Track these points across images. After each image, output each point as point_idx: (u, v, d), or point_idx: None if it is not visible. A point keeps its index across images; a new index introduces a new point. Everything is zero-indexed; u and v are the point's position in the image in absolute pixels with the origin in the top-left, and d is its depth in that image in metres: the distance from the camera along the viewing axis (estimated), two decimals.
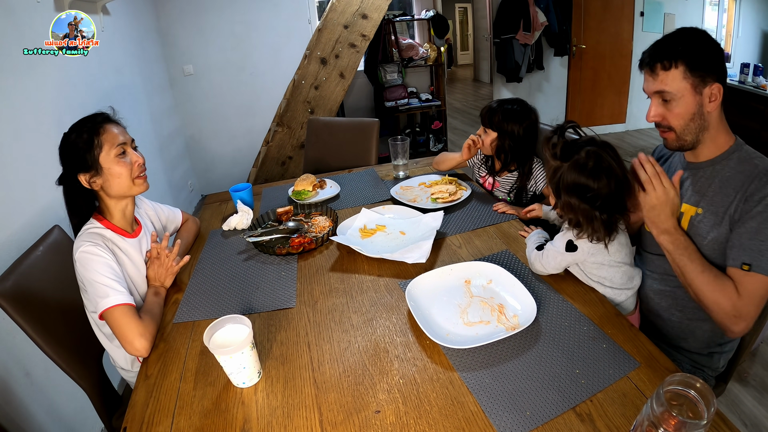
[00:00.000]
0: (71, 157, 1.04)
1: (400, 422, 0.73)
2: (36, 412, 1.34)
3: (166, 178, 3.02)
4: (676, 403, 0.57)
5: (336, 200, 1.62)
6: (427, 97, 4.17)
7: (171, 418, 0.79)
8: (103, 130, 1.05)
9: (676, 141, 0.96)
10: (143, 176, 1.12)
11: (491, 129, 1.53)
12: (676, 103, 0.91)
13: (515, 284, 0.99)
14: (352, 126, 2.21)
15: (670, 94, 0.90)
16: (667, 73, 0.90)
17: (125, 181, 1.07)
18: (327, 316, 1.00)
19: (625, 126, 4.77)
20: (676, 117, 0.92)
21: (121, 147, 1.07)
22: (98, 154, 1.04)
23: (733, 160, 0.93)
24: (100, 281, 0.97)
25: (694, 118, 0.91)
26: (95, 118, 1.07)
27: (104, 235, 1.07)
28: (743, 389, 1.63)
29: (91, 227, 1.08)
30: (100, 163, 1.04)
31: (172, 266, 1.15)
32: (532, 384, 0.77)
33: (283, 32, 3.58)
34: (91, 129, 1.04)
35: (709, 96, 0.89)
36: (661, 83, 0.91)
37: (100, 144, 1.04)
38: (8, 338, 1.27)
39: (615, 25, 4.32)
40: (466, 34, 9.93)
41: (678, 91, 0.90)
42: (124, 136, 1.09)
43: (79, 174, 1.04)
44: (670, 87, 0.90)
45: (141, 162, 1.11)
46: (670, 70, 0.89)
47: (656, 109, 0.95)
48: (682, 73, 0.89)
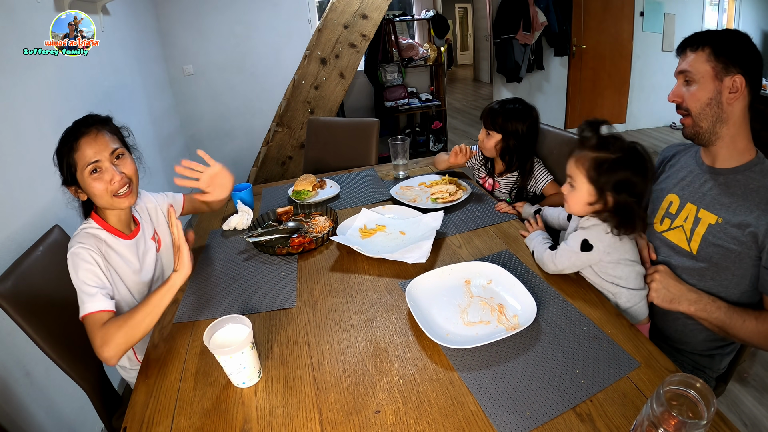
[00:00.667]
0: (59, 168, 1.03)
1: (400, 422, 0.73)
2: (36, 412, 1.34)
3: (166, 178, 3.02)
4: (676, 403, 0.57)
5: (336, 200, 1.62)
6: (427, 97, 4.17)
7: (171, 418, 0.79)
8: (77, 146, 1.00)
9: (691, 127, 0.96)
10: (123, 195, 1.04)
11: (495, 131, 1.53)
12: (695, 85, 0.93)
13: (515, 284, 0.99)
14: (352, 126, 2.20)
15: (691, 74, 0.93)
16: (694, 54, 0.93)
17: (104, 199, 1.04)
18: (327, 316, 1.00)
19: (625, 126, 4.77)
20: (693, 99, 0.93)
21: (94, 165, 1.00)
22: (75, 172, 1.02)
23: (756, 172, 0.92)
24: (80, 286, 0.97)
25: (711, 104, 0.92)
26: (78, 128, 1.02)
27: (99, 236, 1.06)
28: (743, 389, 1.63)
29: (87, 227, 1.07)
30: (77, 180, 1.03)
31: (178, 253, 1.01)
32: (532, 384, 0.77)
33: (283, 32, 3.58)
34: (70, 143, 1.01)
35: (729, 87, 0.90)
36: (686, 63, 0.94)
37: (74, 162, 1.01)
38: (8, 338, 1.27)
39: (615, 25, 4.32)
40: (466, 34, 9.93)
41: (699, 73, 0.92)
42: (99, 152, 1.01)
43: (67, 186, 1.05)
44: (692, 68, 0.92)
45: (118, 179, 1.02)
46: (697, 52, 0.92)
47: (677, 89, 0.97)
48: (707, 56, 0.91)
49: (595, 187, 0.95)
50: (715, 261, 0.94)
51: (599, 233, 0.98)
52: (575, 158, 0.98)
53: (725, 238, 0.92)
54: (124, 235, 1.12)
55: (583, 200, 0.98)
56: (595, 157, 0.94)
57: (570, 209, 1.03)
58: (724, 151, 0.95)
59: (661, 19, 4.34)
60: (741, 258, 0.91)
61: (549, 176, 1.56)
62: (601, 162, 0.93)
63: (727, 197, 0.94)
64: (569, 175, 1.00)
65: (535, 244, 1.12)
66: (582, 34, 4.29)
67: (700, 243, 0.96)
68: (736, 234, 0.91)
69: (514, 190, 1.60)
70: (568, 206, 1.03)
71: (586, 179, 0.96)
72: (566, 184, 1.01)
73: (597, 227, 0.98)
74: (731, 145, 0.94)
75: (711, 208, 0.96)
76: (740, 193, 0.92)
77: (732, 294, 0.95)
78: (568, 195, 1.01)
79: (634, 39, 4.39)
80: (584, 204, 0.98)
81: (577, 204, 1.00)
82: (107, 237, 1.08)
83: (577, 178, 0.98)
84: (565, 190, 1.02)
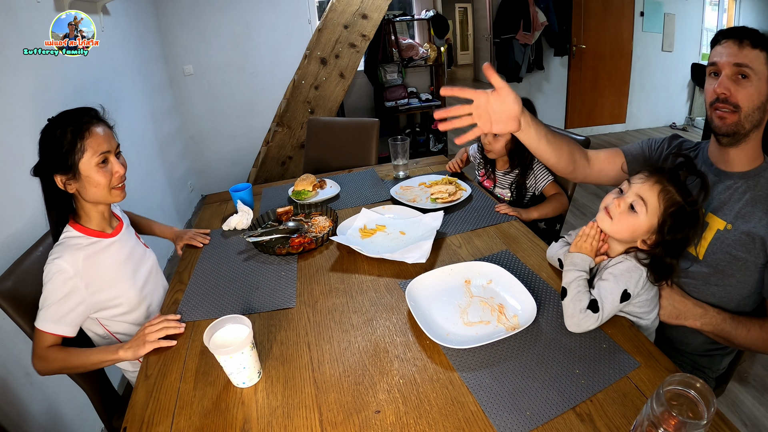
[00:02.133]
0: (51, 154, 0.98)
1: (400, 422, 0.73)
2: (36, 412, 1.34)
3: (166, 178, 3.02)
4: (676, 403, 0.57)
5: (336, 200, 1.62)
6: (427, 97, 4.17)
7: (171, 418, 0.79)
8: (88, 134, 0.98)
9: (734, 125, 0.89)
10: (121, 186, 1.06)
11: None
12: (751, 83, 0.87)
13: (515, 284, 0.99)
14: (352, 126, 2.20)
15: (751, 70, 0.86)
16: (754, 50, 0.86)
17: (102, 191, 1.02)
18: (327, 316, 1.00)
19: (625, 126, 4.77)
20: (746, 96, 0.87)
21: (104, 155, 1.01)
22: (79, 159, 0.98)
23: (765, 177, 0.91)
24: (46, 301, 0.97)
25: (761, 108, 0.88)
26: (82, 117, 1.00)
27: (81, 244, 1.03)
28: (743, 389, 1.63)
29: (69, 237, 1.04)
30: (79, 168, 0.99)
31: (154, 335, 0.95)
32: (532, 384, 0.77)
33: (283, 32, 3.58)
34: (76, 130, 0.97)
35: None
36: (746, 57, 0.86)
37: (83, 148, 0.98)
38: (8, 338, 1.27)
39: (615, 25, 4.32)
40: (466, 34, 9.92)
41: (759, 72, 0.86)
42: (109, 143, 1.03)
43: (55, 174, 0.99)
44: (754, 64, 0.86)
45: (122, 173, 1.05)
46: (757, 50, 0.86)
47: (728, 82, 0.88)
48: (766, 58, 0.86)
49: (659, 227, 0.85)
50: (721, 268, 0.93)
51: (637, 281, 0.87)
52: (660, 186, 0.85)
53: (734, 245, 0.91)
54: (107, 234, 1.10)
55: (641, 230, 0.86)
56: (678, 201, 0.84)
57: (616, 232, 0.89)
58: (742, 155, 0.93)
59: (661, 19, 4.34)
60: (747, 266, 0.91)
61: (549, 176, 1.55)
62: (681, 208, 0.83)
63: (736, 202, 0.93)
64: (640, 196, 0.86)
65: (573, 292, 0.88)
66: (582, 34, 4.30)
67: (708, 248, 0.95)
68: (745, 241, 0.90)
69: (514, 185, 1.61)
70: (616, 227, 0.89)
71: (659, 215, 0.85)
72: (622, 199, 0.88)
73: (630, 273, 0.87)
74: (751, 150, 0.92)
75: (719, 213, 0.94)
76: (749, 198, 0.91)
77: (733, 299, 0.95)
78: (620, 217, 0.87)
79: (634, 39, 4.39)
80: (635, 237, 0.88)
81: (630, 231, 0.87)
82: (90, 242, 1.06)
83: (649, 206, 0.85)
84: (620, 208, 0.88)
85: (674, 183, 0.86)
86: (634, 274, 0.87)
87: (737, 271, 0.92)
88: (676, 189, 0.85)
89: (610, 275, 0.88)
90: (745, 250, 0.90)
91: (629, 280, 0.86)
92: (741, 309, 0.95)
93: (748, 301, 0.95)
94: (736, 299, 0.94)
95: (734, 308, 0.95)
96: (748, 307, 0.96)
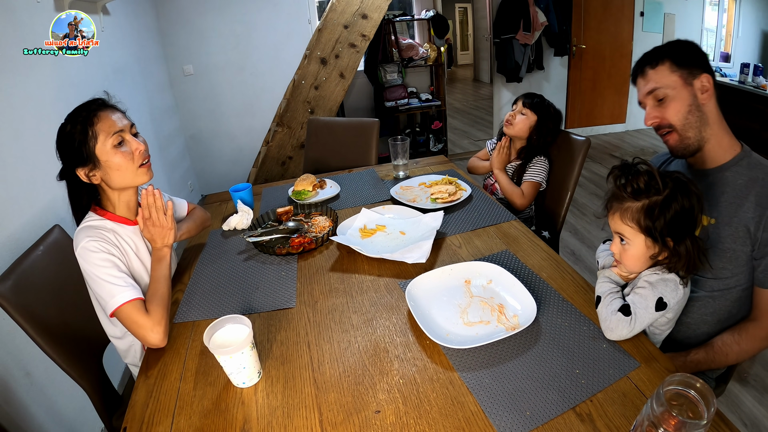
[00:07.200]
0: (67, 150, 0.97)
1: (400, 422, 0.73)
2: (36, 412, 1.34)
3: (166, 178, 3.01)
4: (676, 403, 0.57)
5: (336, 200, 1.62)
6: (427, 97, 4.17)
7: (171, 418, 0.79)
8: (97, 119, 0.97)
9: (680, 142, 0.94)
10: (147, 164, 1.04)
11: (533, 111, 1.62)
12: (670, 99, 0.92)
13: (515, 284, 0.99)
14: (352, 126, 2.20)
15: (662, 90, 0.92)
16: (655, 70, 0.93)
17: (127, 173, 1.00)
18: (327, 316, 1.00)
19: (625, 126, 4.77)
20: (673, 113, 0.92)
21: (119, 135, 0.98)
22: (94, 146, 0.96)
23: (743, 166, 0.92)
24: (104, 278, 0.94)
25: (692, 111, 0.92)
26: (89, 106, 0.99)
27: (104, 226, 1.03)
28: (743, 389, 1.63)
29: (90, 220, 1.03)
30: (96, 155, 0.97)
31: (165, 223, 1.06)
32: (532, 384, 0.77)
33: (283, 32, 3.58)
34: (85, 119, 0.96)
35: (700, 88, 0.90)
36: (651, 81, 0.93)
37: (94, 134, 0.96)
38: (8, 338, 1.27)
39: (615, 25, 4.32)
40: (466, 34, 9.91)
41: (669, 85, 0.92)
42: (121, 121, 1.00)
43: (77, 168, 0.98)
44: (660, 83, 0.92)
45: (142, 149, 1.02)
46: (658, 67, 0.93)
47: (652, 111, 0.95)
48: (669, 67, 0.91)
49: (652, 236, 0.83)
50: (713, 261, 0.94)
51: (673, 288, 0.85)
52: (619, 213, 0.85)
53: (720, 238, 0.93)
54: (130, 221, 1.09)
55: (644, 255, 0.86)
56: (643, 205, 0.83)
57: (630, 268, 0.89)
58: (712, 152, 0.95)
59: (661, 19, 4.34)
60: (737, 255, 0.92)
61: (538, 177, 1.62)
62: (651, 207, 0.82)
63: (717, 196, 0.94)
64: (617, 232, 0.88)
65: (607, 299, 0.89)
66: (582, 34, 4.29)
67: None
68: (730, 232, 0.92)
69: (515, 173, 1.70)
70: (626, 267, 0.89)
71: (640, 231, 0.84)
72: (613, 243, 0.89)
73: (667, 281, 0.85)
74: (717, 144, 0.94)
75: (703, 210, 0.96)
76: (729, 190, 0.93)
77: (731, 291, 0.95)
78: (622, 256, 0.88)
79: (634, 39, 4.39)
80: (646, 258, 0.87)
81: (637, 261, 0.87)
82: (114, 226, 1.04)
83: (627, 233, 0.85)
84: (616, 251, 0.89)
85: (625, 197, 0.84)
86: (666, 283, 0.85)
87: (728, 263, 0.93)
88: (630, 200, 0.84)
89: (646, 283, 0.87)
90: (732, 240, 0.92)
91: (664, 289, 0.85)
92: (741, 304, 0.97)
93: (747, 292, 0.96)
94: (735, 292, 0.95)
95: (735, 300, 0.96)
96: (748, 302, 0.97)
